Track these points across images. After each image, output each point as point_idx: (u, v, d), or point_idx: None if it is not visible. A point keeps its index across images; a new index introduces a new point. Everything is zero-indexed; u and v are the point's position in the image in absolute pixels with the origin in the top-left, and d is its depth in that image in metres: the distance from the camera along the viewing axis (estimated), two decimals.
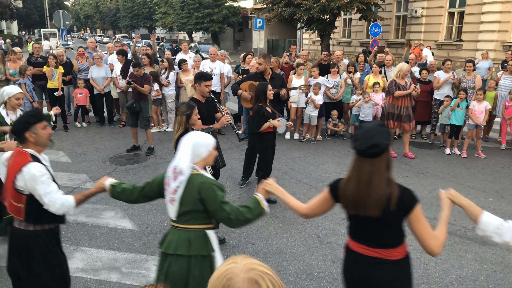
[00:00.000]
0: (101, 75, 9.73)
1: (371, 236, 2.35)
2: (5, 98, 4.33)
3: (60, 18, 19.00)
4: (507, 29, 16.93)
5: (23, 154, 2.81)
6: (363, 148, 2.23)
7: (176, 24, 37.86)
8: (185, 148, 2.66)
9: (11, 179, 2.79)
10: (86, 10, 78.78)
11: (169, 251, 2.65)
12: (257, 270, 1.28)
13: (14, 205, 2.80)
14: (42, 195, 2.73)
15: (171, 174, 2.64)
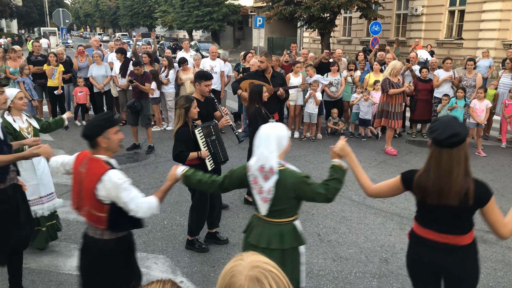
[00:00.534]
0: (101, 74, 9.73)
1: (445, 224, 2.45)
2: (8, 102, 3.98)
3: (60, 16, 18.98)
4: (507, 28, 16.92)
5: (98, 161, 2.67)
6: (443, 137, 2.30)
7: (176, 22, 37.83)
8: (269, 144, 2.61)
9: (90, 189, 2.62)
10: (86, 8, 78.72)
11: (261, 245, 2.66)
12: (260, 268, 1.27)
13: (96, 215, 2.65)
14: (127, 202, 2.62)
15: (258, 172, 2.60)
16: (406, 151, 8.18)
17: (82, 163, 2.71)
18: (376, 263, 4.30)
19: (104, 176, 2.58)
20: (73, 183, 2.78)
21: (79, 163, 2.75)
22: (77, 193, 2.74)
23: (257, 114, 5.41)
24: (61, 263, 4.23)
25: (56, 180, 6.43)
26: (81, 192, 2.69)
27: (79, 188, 2.71)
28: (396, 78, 7.69)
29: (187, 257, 4.38)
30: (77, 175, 2.73)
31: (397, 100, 7.73)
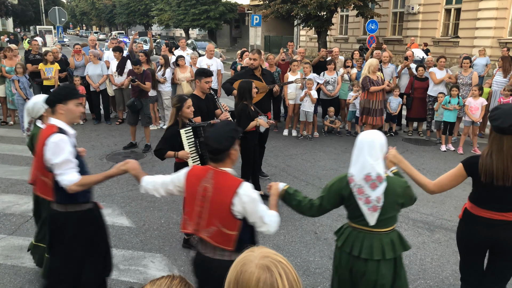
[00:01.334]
0: (96, 73, 9.70)
1: (504, 203, 2.72)
2: (42, 110, 3.63)
3: (56, 15, 18.91)
4: (503, 26, 16.98)
5: (226, 174, 2.46)
6: (506, 126, 2.55)
7: (173, 21, 37.79)
8: (374, 151, 2.60)
9: (224, 204, 2.38)
10: (82, 6, 78.47)
11: (376, 257, 2.64)
12: (270, 258, 1.34)
13: (226, 234, 2.41)
14: (263, 216, 2.43)
15: (364, 182, 2.57)
16: (403, 149, 8.21)
17: (206, 178, 2.45)
18: None
19: (239, 189, 2.38)
20: (190, 203, 2.50)
21: (198, 178, 2.48)
22: (197, 213, 2.46)
23: (242, 111, 5.38)
24: None
25: None
26: (206, 210, 2.44)
27: (201, 206, 2.45)
28: (375, 75, 7.86)
29: (184, 255, 4.39)
30: (200, 192, 2.45)
31: (377, 97, 7.92)
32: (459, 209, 5.55)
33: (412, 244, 4.65)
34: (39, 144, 2.88)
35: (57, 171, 2.77)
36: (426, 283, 3.98)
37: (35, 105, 3.66)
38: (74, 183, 2.77)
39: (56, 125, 2.86)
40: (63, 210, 2.94)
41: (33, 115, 3.71)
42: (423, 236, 4.83)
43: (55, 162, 2.75)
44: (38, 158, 2.90)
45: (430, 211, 5.49)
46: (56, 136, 2.78)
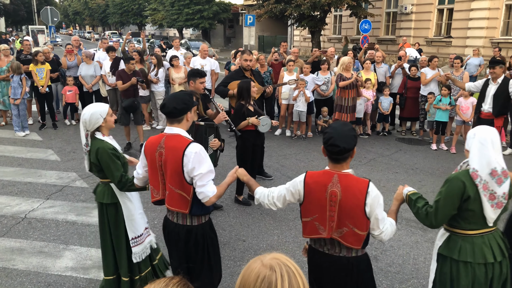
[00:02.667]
0: (89, 73, 9.63)
1: None
2: (100, 121, 3.21)
3: (48, 14, 18.78)
4: (495, 26, 17.09)
5: (351, 176, 2.46)
6: None
7: (166, 20, 37.68)
8: (496, 145, 2.53)
9: (357, 207, 2.38)
10: (74, 6, 77.98)
11: (499, 258, 2.56)
12: (279, 260, 1.33)
13: (357, 235, 2.43)
14: (380, 220, 2.44)
15: (490, 177, 2.46)
16: (396, 149, 8.24)
17: (332, 182, 2.42)
18: None
19: (369, 189, 2.39)
20: (318, 209, 2.47)
21: (323, 185, 2.44)
22: (329, 218, 2.45)
23: (237, 111, 5.37)
24: (50, 264, 4.19)
25: (45, 181, 6.39)
26: (337, 214, 2.42)
27: (332, 211, 2.43)
28: (349, 72, 8.08)
29: None
30: (329, 198, 2.42)
31: (349, 94, 8.13)
32: None
33: (405, 243, 4.67)
34: (170, 156, 2.70)
35: (199, 183, 2.69)
36: (419, 282, 3.99)
37: (92, 116, 3.18)
38: (214, 195, 2.73)
39: (182, 134, 2.78)
40: (198, 223, 2.87)
41: (90, 128, 3.21)
42: (416, 236, 4.84)
43: (199, 173, 2.66)
44: (172, 171, 2.72)
45: None
46: (195, 145, 2.70)
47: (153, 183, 2.89)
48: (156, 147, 2.77)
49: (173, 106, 2.71)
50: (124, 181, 3.16)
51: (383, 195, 6.49)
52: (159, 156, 2.75)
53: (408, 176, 6.81)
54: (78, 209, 5.43)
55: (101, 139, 3.24)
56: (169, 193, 2.79)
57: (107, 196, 3.33)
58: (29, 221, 5.11)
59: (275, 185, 6.42)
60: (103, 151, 3.16)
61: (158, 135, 2.83)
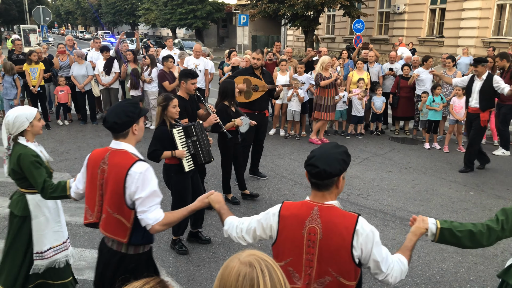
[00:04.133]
0: (81, 73, 9.57)
1: None
2: (26, 125, 3.00)
3: (40, 14, 18.62)
4: (487, 26, 17.22)
5: (336, 209, 2.03)
6: None
7: (160, 20, 37.56)
8: None
9: (343, 248, 1.92)
10: (67, 5, 77.45)
11: None
12: (256, 256, 1.32)
13: (344, 285, 1.94)
14: (380, 262, 1.97)
15: None
16: (389, 148, 8.28)
17: (311, 216, 2.00)
18: None
19: (357, 226, 1.94)
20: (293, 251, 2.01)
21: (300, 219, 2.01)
22: (307, 262, 1.99)
23: (221, 112, 5.29)
24: None
25: None
26: (320, 256, 1.97)
27: (310, 253, 1.99)
28: (328, 72, 8.16)
29: (172, 256, 4.36)
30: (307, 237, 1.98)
31: (329, 93, 8.20)
32: (445, 207, 5.63)
33: (399, 242, 4.69)
34: (113, 174, 2.38)
35: (140, 208, 2.33)
36: (413, 280, 4.02)
37: (16, 118, 2.97)
38: (159, 222, 2.35)
39: (129, 150, 2.47)
40: (135, 252, 2.48)
41: (13, 131, 2.99)
42: None
43: (140, 196, 2.31)
44: (112, 192, 2.38)
45: (416, 209, 5.54)
46: (141, 165, 2.37)
47: (89, 203, 2.50)
48: (99, 162, 2.44)
49: (113, 121, 2.40)
50: (47, 186, 2.92)
51: (377, 194, 6.55)
52: (101, 173, 2.42)
53: (402, 175, 6.85)
54: (71, 210, 5.39)
55: (24, 145, 3.02)
56: (106, 216, 2.41)
57: (19, 207, 3.14)
58: None
59: (270, 184, 6.45)
60: (25, 158, 2.95)
61: (103, 149, 2.52)
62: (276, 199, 5.79)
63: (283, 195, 5.93)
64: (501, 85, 6.63)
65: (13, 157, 2.99)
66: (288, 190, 6.13)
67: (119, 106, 2.51)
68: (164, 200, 5.69)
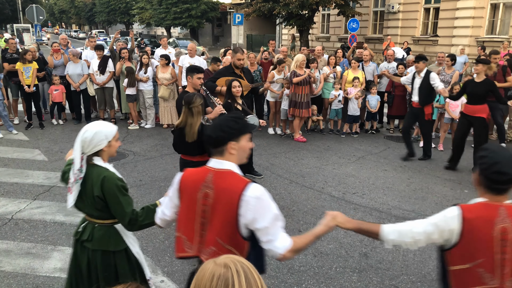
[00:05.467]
0: (77, 72, 9.52)
1: None
2: (104, 144, 2.53)
3: (34, 12, 18.49)
4: (480, 25, 17.31)
5: None
6: None
7: (154, 19, 37.45)
8: None
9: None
10: (60, 4, 76.98)
11: None
12: (231, 258, 1.30)
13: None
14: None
15: None
16: (384, 147, 8.30)
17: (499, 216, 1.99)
18: (356, 257, 4.35)
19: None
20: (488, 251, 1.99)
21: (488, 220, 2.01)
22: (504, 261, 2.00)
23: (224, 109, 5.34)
24: (38, 266, 4.14)
25: (32, 181, 6.31)
26: None
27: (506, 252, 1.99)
28: (302, 70, 8.24)
29: (168, 256, 4.35)
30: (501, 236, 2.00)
31: (303, 90, 8.27)
32: (440, 205, 5.65)
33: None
34: (222, 200, 2.07)
35: (265, 238, 2.06)
36: (409, 278, 4.03)
37: (96, 135, 2.49)
38: (289, 250, 2.07)
39: (234, 170, 2.15)
40: None
41: (88, 150, 2.51)
42: None
43: (264, 226, 2.04)
44: (222, 221, 2.07)
45: (412, 207, 5.56)
46: (256, 188, 2.07)
47: (187, 233, 2.17)
48: (200, 185, 2.11)
49: (209, 134, 2.16)
50: (134, 217, 2.52)
51: (372, 193, 6.56)
52: (203, 198, 2.10)
53: (397, 174, 6.87)
54: (66, 209, 5.36)
55: (104, 167, 2.54)
56: (216, 249, 2.06)
57: (114, 241, 2.63)
58: (16, 222, 5.04)
59: (266, 183, 6.43)
60: (110, 181, 2.47)
61: (201, 169, 2.18)
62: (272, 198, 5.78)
63: (278, 194, 5.93)
64: (436, 83, 7.01)
65: (94, 181, 2.48)
66: (283, 189, 6.14)
67: (221, 118, 2.21)
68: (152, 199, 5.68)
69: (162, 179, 6.45)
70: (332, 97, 9.11)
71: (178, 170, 6.63)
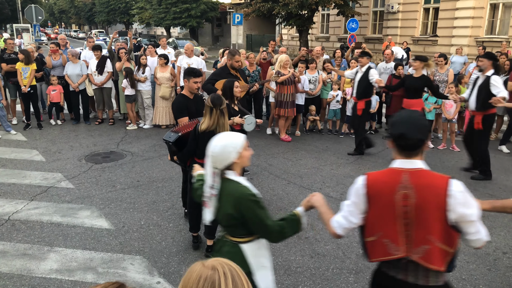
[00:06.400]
0: (75, 72, 9.51)
1: None
2: (233, 156, 2.42)
3: (33, 12, 18.46)
4: (480, 25, 17.29)
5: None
6: None
7: (154, 19, 37.44)
8: None
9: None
10: (60, 4, 76.97)
11: None
12: (220, 261, 1.30)
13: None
14: None
15: None
16: (383, 147, 8.29)
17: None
18: (353, 258, 4.34)
19: None
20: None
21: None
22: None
23: None
24: (34, 267, 4.13)
25: (30, 181, 6.30)
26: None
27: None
28: (286, 69, 8.27)
29: (164, 257, 4.34)
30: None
31: (288, 90, 8.32)
32: None
33: None
34: (427, 198, 2.09)
35: (474, 229, 2.11)
36: None
37: (224, 149, 2.40)
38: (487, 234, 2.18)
39: (428, 169, 2.20)
40: (443, 282, 2.22)
41: (220, 165, 2.42)
42: None
43: (472, 220, 2.09)
44: (431, 219, 2.10)
45: None
46: (458, 183, 2.11)
47: (389, 235, 2.17)
48: (395, 187, 2.13)
49: (418, 138, 2.14)
50: (279, 229, 2.44)
51: None
52: (403, 199, 2.11)
53: None
54: (63, 210, 5.36)
55: (237, 181, 2.45)
56: (430, 248, 2.10)
57: (237, 261, 2.39)
58: (13, 223, 5.03)
59: (264, 184, 6.40)
60: (246, 199, 2.39)
61: (388, 171, 2.22)
62: (269, 198, 5.78)
63: (276, 195, 5.92)
64: (373, 78, 7.32)
65: (228, 199, 2.42)
66: (281, 190, 6.12)
67: (415, 119, 2.19)
68: (150, 200, 5.67)
69: (159, 180, 6.44)
70: (330, 97, 9.10)
71: (176, 171, 6.64)
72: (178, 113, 4.80)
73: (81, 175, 6.62)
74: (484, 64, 6.43)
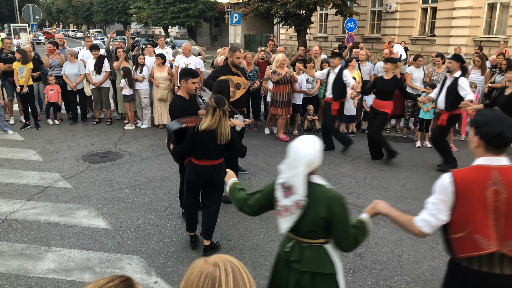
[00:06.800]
0: (73, 72, 9.48)
1: None
2: (317, 161, 2.43)
3: (30, 12, 18.42)
4: (478, 25, 17.33)
5: None
6: None
7: (152, 19, 37.36)
8: None
9: None
10: (58, 4, 76.76)
11: None
12: (222, 257, 1.31)
13: None
14: None
15: None
16: None
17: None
18: (350, 258, 4.34)
19: None
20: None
21: None
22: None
23: None
24: (31, 267, 4.11)
25: (27, 181, 6.28)
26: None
27: None
28: (283, 69, 8.29)
29: (162, 257, 4.33)
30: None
31: (284, 90, 8.35)
32: None
33: (389, 240, 4.70)
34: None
35: None
36: (403, 279, 4.02)
37: (317, 153, 2.39)
38: None
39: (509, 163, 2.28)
40: None
41: (308, 170, 2.40)
42: (400, 233, 4.88)
43: None
44: None
45: (407, 207, 5.55)
46: None
47: (480, 231, 2.21)
48: (486, 184, 2.18)
49: None
50: (355, 238, 2.47)
51: (368, 193, 6.54)
52: (494, 195, 2.17)
53: (393, 173, 6.86)
54: (60, 210, 5.34)
55: (323, 185, 2.43)
56: None
57: (328, 263, 2.46)
58: (10, 223, 5.01)
59: (262, 183, 6.39)
60: (339, 202, 2.38)
61: (475, 169, 2.27)
62: None
63: None
64: (348, 80, 7.37)
65: (321, 201, 2.37)
66: None
67: (508, 119, 2.26)
68: (148, 200, 5.66)
69: (157, 180, 6.43)
70: None
71: (174, 171, 6.63)
72: (178, 115, 4.78)
73: (79, 175, 6.60)
74: (452, 66, 6.64)
